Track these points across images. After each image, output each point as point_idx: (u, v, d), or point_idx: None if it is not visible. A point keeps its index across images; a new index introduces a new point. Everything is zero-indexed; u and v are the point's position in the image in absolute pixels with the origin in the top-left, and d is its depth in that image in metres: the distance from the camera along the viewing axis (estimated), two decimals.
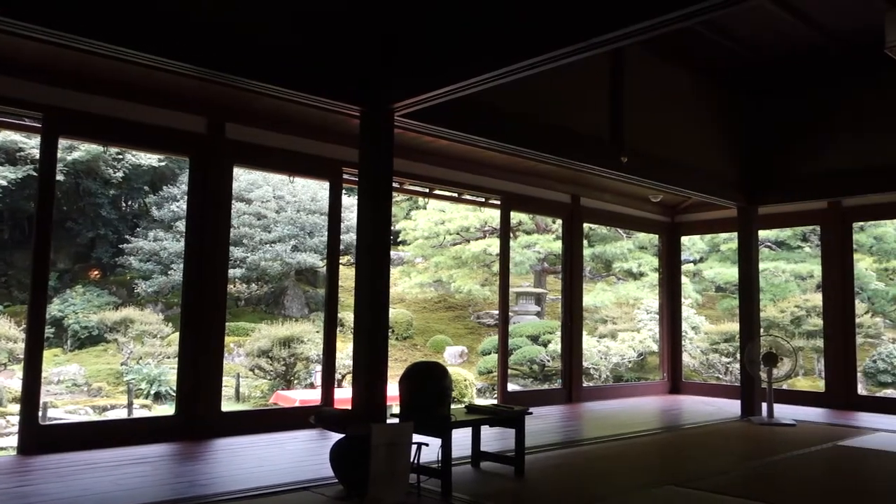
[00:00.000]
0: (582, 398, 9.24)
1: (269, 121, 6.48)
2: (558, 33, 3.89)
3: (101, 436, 5.58)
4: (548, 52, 3.92)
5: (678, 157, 7.74)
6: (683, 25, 3.59)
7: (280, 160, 6.77)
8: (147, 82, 5.63)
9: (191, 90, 5.84)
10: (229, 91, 5.47)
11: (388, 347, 4.86)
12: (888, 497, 4.61)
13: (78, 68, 5.33)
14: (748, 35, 7.04)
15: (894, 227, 15.78)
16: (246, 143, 6.43)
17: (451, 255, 15.38)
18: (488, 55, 4.25)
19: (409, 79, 4.73)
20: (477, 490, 4.43)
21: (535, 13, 4.08)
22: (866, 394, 12.53)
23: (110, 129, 5.77)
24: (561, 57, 3.95)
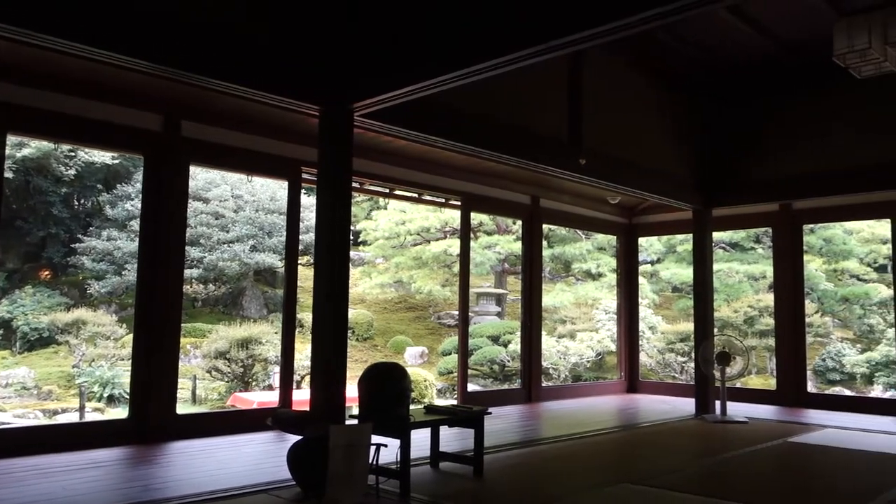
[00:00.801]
0: (541, 398, 9.32)
1: (227, 119, 6.40)
2: (517, 36, 3.92)
3: (51, 440, 5.44)
4: (506, 55, 3.94)
5: (636, 160, 7.85)
6: (642, 30, 3.64)
7: (238, 159, 6.68)
8: (100, 78, 5.50)
9: (145, 87, 5.73)
10: (185, 88, 5.37)
11: (346, 348, 4.84)
12: (836, 492, 4.75)
13: (27, 63, 5.19)
14: (706, 42, 7.18)
15: (843, 229, 16.25)
16: (203, 142, 6.33)
17: (411, 256, 15.35)
18: (447, 57, 4.26)
19: (369, 79, 4.72)
20: (435, 490, 4.44)
21: (494, 16, 4.10)
22: (816, 391, 12.88)
23: (61, 125, 5.63)
24: (519, 59, 3.98)
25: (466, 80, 4.33)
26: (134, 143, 6.09)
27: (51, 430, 6.30)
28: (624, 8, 3.44)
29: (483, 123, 6.12)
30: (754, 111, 8.53)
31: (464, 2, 4.34)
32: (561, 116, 7.02)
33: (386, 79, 4.58)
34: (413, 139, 5.89)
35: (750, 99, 8.52)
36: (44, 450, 5.24)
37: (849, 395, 13.33)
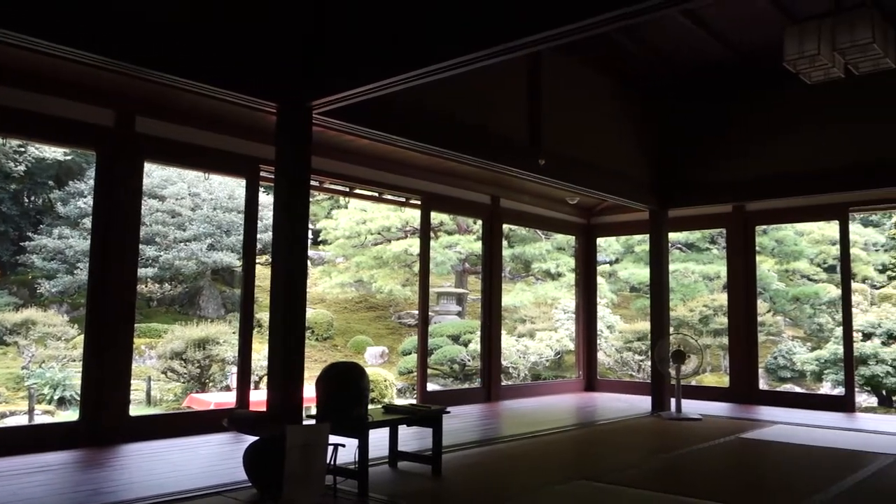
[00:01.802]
0: (501, 397, 9.37)
1: (184, 115, 6.30)
2: (475, 36, 3.94)
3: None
4: (464, 55, 3.96)
5: (594, 161, 7.95)
6: (599, 32, 3.69)
7: (195, 156, 6.57)
8: (50, 72, 5.37)
9: (98, 81, 5.60)
10: (140, 84, 5.28)
11: (304, 347, 4.80)
12: (785, 486, 4.87)
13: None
14: (664, 45, 7.31)
15: (794, 230, 16.68)
16: (158, 138, 6.21)
17: (372, 255, 15.30)
18: (405, 56, 4.26)
19: (328, 76, 4.69)
20: (394, 490, 4.43)
21: (452, 16, 4.11)
22: (768, 388, 13.22)
23: (9, 119, 5.47)
24: (477, 60, 4.00)
25: (425, 80, 4.34)
26: (85, 138, 5.94)
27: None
28: (581, 11, 3.48)
29: (444, 123, 6.13)
30: (709, 114, 8.70)
31: (422, 2, 4.34)
32: (521, 117, 7.07)
33: (344, 77, 4.56)
34: (373, 138, 5.87)
35: (705, 101, 8.69)
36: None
37: (799, 391, 13.69)
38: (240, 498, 4.13)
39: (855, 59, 5.47)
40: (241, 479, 4.40)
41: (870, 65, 5.56)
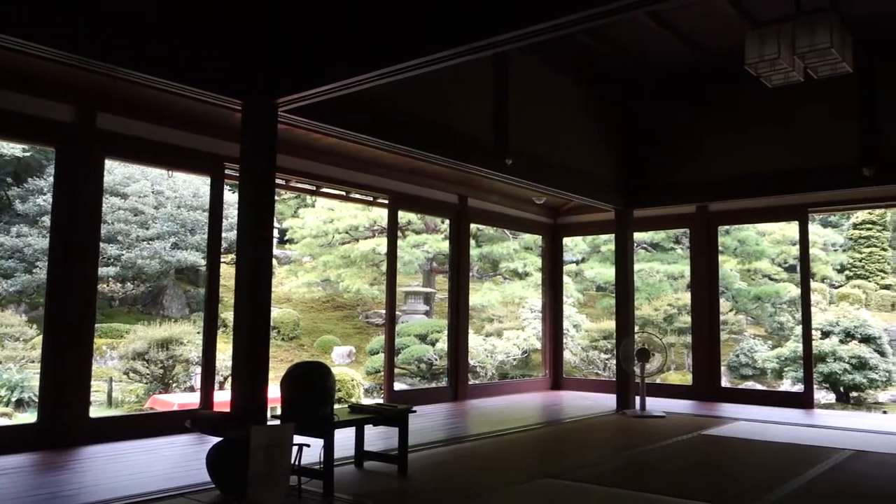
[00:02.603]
0: (468, 396, 9.39)
1: (147, 112, 6.19)
2: (439, 36, 3.94)
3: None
4: (428, 55, 3.96)
5: (561, 161, 8.01)
6: (565, 33, 3.71)
7: (158, 153, 6.47)
8: (7, 66, 5.24)
9: (58, 76, 5.48)
10: (101, 79, 5.17)
11: (269, 347, 4.76)
12: (746, 481, 4.96)
13: None
14: (630, 46, 7.38)
15: (756, 231, 17.00)
16: (119, 135, 6.10)
17: (339, 255, 15.21)
18: (370, 55, 4.25)
19: (294, 74, 4.66)
20: (359, 490, 4.42)
21: (417, 16, 4.11)
22: (730, 386, 13.44)
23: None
24: (442, 59, 4.01)
25: (390, 79, 4.33)
26: (45, 134, 5.82)
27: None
28: (545, 12, 3.50)
29: (411, 122, 6.12)
30: (674, 114, 8.82)
31: (387, 1, 4.33)
32: (488, 116, 7.09)
33: (310, 75, 4.53)
34: (340, 136, 5.84)
35: (670, 102, 8.81)
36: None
37: (760, 389, 13.95)
38: (203, 500, 4.08)
39: (814, 63, 5.60)
40: (204, 480, 4.34)
41: (828, 69, 5.69)
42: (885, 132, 7.28)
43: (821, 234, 19.34)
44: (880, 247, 21.21)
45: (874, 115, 7.36)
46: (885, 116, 7.30)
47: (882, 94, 7.33)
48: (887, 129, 7.27)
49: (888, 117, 7.28)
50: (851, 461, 5.55)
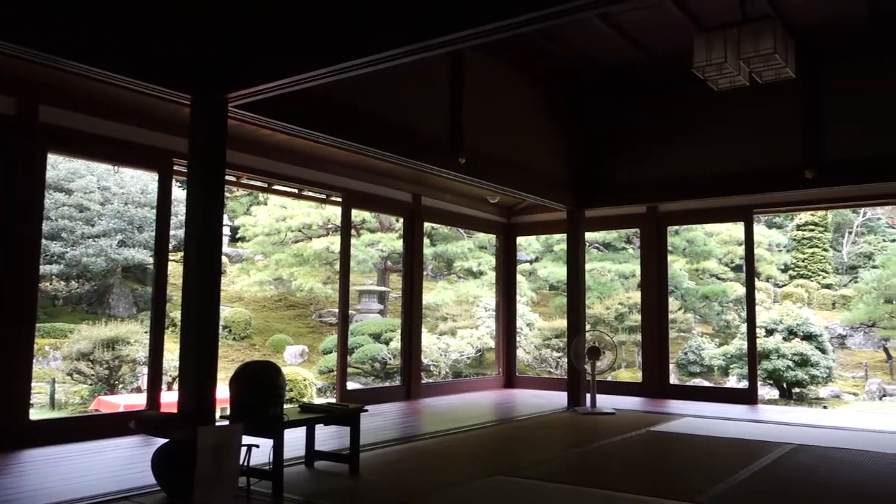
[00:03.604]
0: (421, 394, 9.39)
1: (92, 105, 6.02)
2: (390, 34, 3.93)
3: None
4: (379, 52, 3.95)
5: (515, 160, 8.06)
6: (516, 32, 3.74)
7: (104, 148, 6.30)
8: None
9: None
10: (44, 71, 5.02)
11: (217, 346, 4.67)
12: (692, 475, 5.07)
13: None
14: (581, 46, 7.47)
15: (704, 231, 17.39)
16: (64, 128, 5.93)
17: (292, 253, 15.05)
18: (320, 51, 4.21)
19: (244, 69, 4.58)
20: (309, 489, 4.37)
21: (369, 12, 4.08)
22: (678, 383, 13.73)
23: None
24: (394, 57, 3.99)
25: (340, 76, 4.30)
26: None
27: None
28: (495, 12, 3.52)
29: (364, 119, 6.09)
30: (625, 115, 8.95)
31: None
32: (442, 114, 7.10)
33: (260, 70, 4.47)
34: (292, 133, 5.76)
35: (621, 103, 8.93)
36: None
37: (707, 385, 14.30)
38: (147, 502, 3.99)
39: (758, 68, 5.74)
40: (149, 482, 4.25)
41: (772, 74, 5.84)
42: (826, 136, 7.52)
43: (766, 235, 19.89)
44: (822, 247, 21.93)
45: (816, 119, 7.60)
46: (825, 121, 7.54)
47: (823, 100, 7.57)
48: (828, 133, 7.52)
49: (829, 121, 7.53)
50: (793, 455, 5.72)
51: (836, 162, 7.44)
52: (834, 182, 7.58)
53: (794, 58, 5.80)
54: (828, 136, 7.52)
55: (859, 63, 7.42)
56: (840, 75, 7.51)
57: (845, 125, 7.43)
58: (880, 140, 7.21)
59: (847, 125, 7.41)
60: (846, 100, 7.45)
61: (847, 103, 7.44)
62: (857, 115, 7.37)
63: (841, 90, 7.49)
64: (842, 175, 7.46)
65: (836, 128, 7.47)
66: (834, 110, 7.51)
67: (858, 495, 4.52)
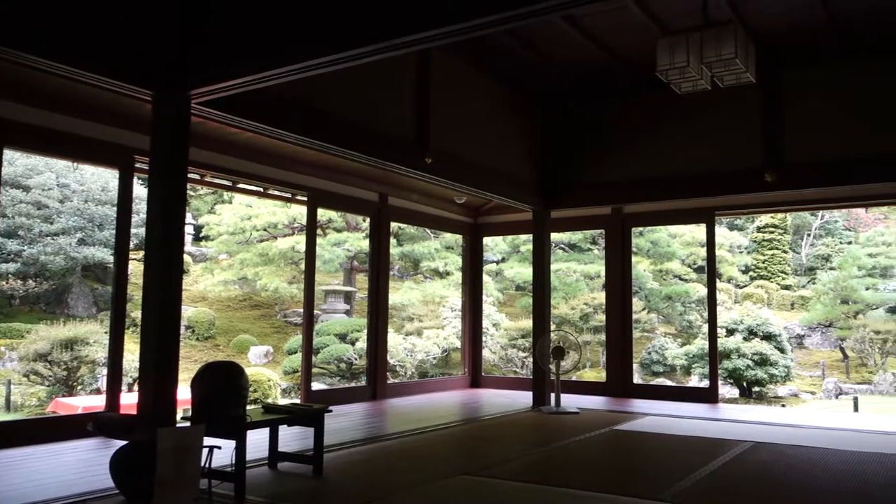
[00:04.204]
0: (387, 395, 9.36)
1: (51, 100, 5.88)
2: (354, 33, 3.91)
3: None
4: (345, 51, 3.92)
5: (481, 160, 8.08)
6: (483, 33, 3.74)
7: (62, 144, 6.16)
8: None
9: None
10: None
11: (178, 346, 4.60)
12: (654, 473, 5.14)
13: None
14: (548, 48, 7.51)
15: (667, 233, 17.65)
16: (21, 124, 5.78)
17: (257, 252, 14.91)
18: (286, 49, 4.17)
19: (207, 66, 4.52)
20: (272, 491, 4.34)
21: (335, 11, 4.06)
22: (641, 382, 13.90)
23: None
24: (359, 56, 3.97)
25: (305, 74, 4.26)
26: None
27: None
28: (461, 12, 3.52)
29: (330, 118, 6.05)
30: (590, 117, 9.03)
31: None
32: (409, 114, 7.08)
33: (223, 67, 4.41)
34: (257, 131, 5.70)
35: (587, 104, 9.01)
36: None
37: (670, 385, 14.51)
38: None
39: (720, 72, 5.85)
40: (108, 486, 4.17)
41: (733, 78, 5.96)
42: (786, 140, 7.68)
43: (727, 237, 20.26)
44: (782, 249, 22.41)
45: (775, 123, 7.75)
46: (785, 125, 7.70)
47: (783, 104, 7.73)
48: (787, 137, 7.68)
49: (788, 126, 7.69)
50: (751, 452, 5.83)
51: (795, 165, 7.61)
52: (793, 185, 7.75)
53: (754, 63, 5.93)
54: (787, 140, 7.68)
55: (818, 69, 7.59)
56: (799, 81, 7.67)
57: (804, 130, 7.59)
58: (837, 145, 7.38)
59: (805, 130, 7.58)
60: (805, 105, 7.62)
61: (806, 108, 7.61)
62: (816, 120, 7.54)
63: (800, 95, 7.66)
64: (800, 178, 7.62)
65: (795, 132, 7.64)
66: (793, 115, 7.67)
67: (814, 491, 4.63)
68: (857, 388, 15.92)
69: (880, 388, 15.73)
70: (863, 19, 6.62)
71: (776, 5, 6.38)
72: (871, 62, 7.35)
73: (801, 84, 7.66)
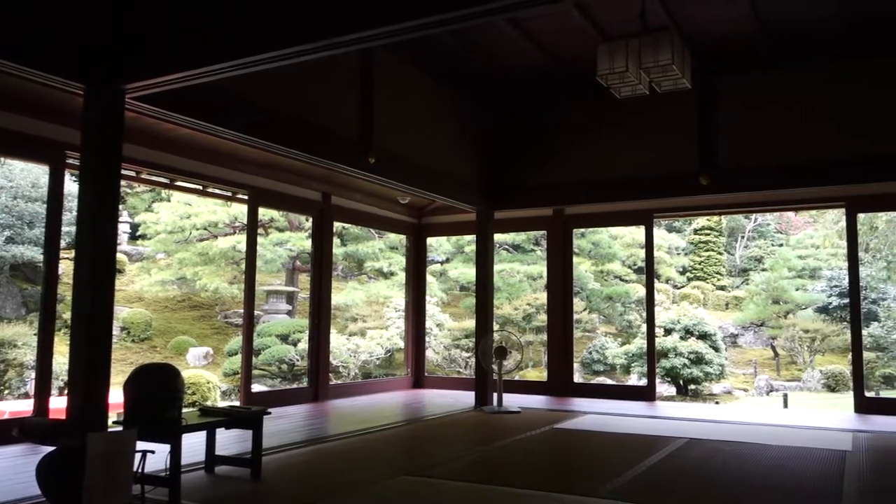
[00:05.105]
0: (329, 396, 9.27)
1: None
2: (296, 30, 3.86)
3: None
4: (284, 48, 3.87)
5: (425, 161, 8.08)
6: (425, 33, 3.75)
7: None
8: None
9: None
10: None
11: (111, 348, 4.46)
12: (592, 470, 5.23)
13: None
14: (491, 49, 7.56)
15: (608, 234, 17.97)
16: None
17: (196, 251, 14.56)
18: (224, 45, 4.09)
19: (142, 60, 4.39)
20: (208, 495, 4.25)
21: (275, 7, 4.00)
22: (582, 381, 14.13)
23: None
24: (299, 54, 3.92)
25: (247, 70, 4.19)
26: None
27: None
28: (403, 11, 3.52)
29: (271, 115, 5.96)
30: (532, 119, 9.14)
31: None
32: (352, 113, 7.04)
33: (159, 62, 4.29)
34: (196, 128, 5.58)
35: (529, 107, 9.11)
36: None
37: (609, 383, 14.78)
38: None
39: (658, 77, 5.97)
40: (34, 493, 4.01)
41: (670, 84, 6.09)
42: (720, 144, 7.93)
43: (666, 239, 20.75)
44: (717, 251, 23.07)
45: (710, 128, 7.99)
46: (719, 130, 7.95)
47: (717, 110, 7.98)
48: (721, 142, 7.92)
49: (722, 131, 7.93)
50: (686, 448, 5.99)
51: (728, 170, 7.85)
52: (726, 189, 8.00)
53: (690, 69, 6.08)
54: (721, 145, 7.92)
55: (750, 77, 7.86)
56: (733, 88, 7.93)
57: (737, 135, 7.85)
58: (768, 150, 7.66)
59: (739, 135, 7.84)
60: (738, 111, 7.88)
61: (739, 114, 7.87)
62: (748, 126, 7.81)
63: (733, 101, 7.92)
64: (733, 182, 7.88)
65: (729, 137, 7.89)
66: (726, 120, 7.93)
67: (746, 486, 4.78)
68: (787, 384, 16.52)
69: (808, 384, 16.36)
70: (791, 29, 6.88)
71: (710, 15, 6.58)
72: (799, 70, 7.64)
73: (733, 90, 7.92)
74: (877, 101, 7.28)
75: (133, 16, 4.53)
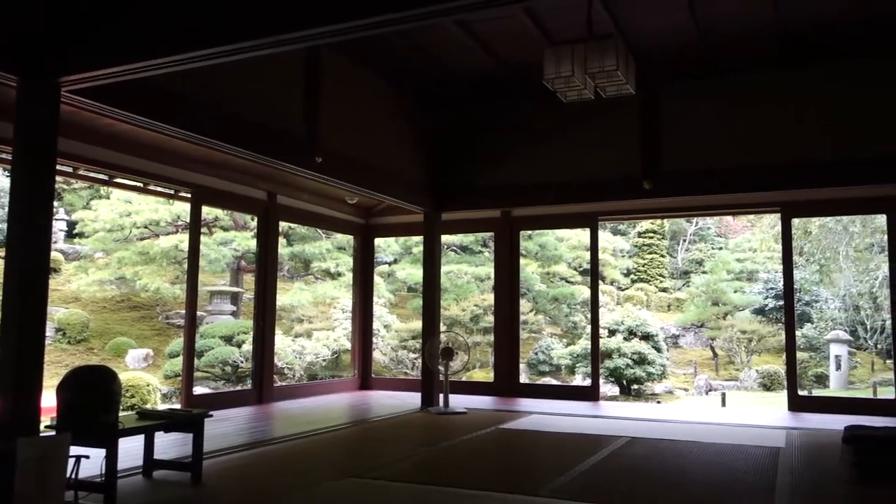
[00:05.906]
0: (274, 398, 9.14)
1: None
2: (239, 27, 3.81)
3: None
4: (226, 45, 3.81)
5: (372, 161, 8.05)
6: (374, 32, 3.74)
7: None
8: None
9: None
10: None
11: (43, 350, 4.31)
12: (536, 469, 5.29)
13: None
14: (439, 51, 7.57)
15: (555, 236, 18.20)
16: None
17: (137, 251, 14.17)
18: (165, 39, 4.00)
19: (79, 52, 4.26)
20: (145, 500, 4.15)
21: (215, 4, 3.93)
22: (528, 382, 14.27)
23: None
24: (241, 50, 3.87)
25: (189, 66, 4.11)
26: None
27: None
28: (348, 11, 3.50)
29: (215, 112, 5.85)
30: (479, 120, 9.20)
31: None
32: (298, 112, 6.97)
33: (96, 55, 4.17)
34: (136, 123, 5.44)
35: (477, 109, 9.17)
36: None
37: (555, 384, 14.96)
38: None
39: (603, 83, 6.08)
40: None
41: (615, 89, 6.21)
42: (662, 150, 8.12)
43: (611, 241, 21.14)
44: (660, 253, 23.60)
45: (653, 134, 8.18)
46: (661, 136, 8.14)
47: (660, 116, 8.17)
48: (663, 148, 8.12)
49: (664, 136, 8.13)
50: (628, 447, 6.11)
51: (669, 174, 8.04)
52: (668, 193, 8.19)
53: (634, 75, 6.21)
54: (663, 150, 8.11)
55: (690, 84, 8.08)
56: (674, 94, 8.14)
57: (678, 140, 8.05)
58: (708, 156, 7.87)
59: (680, 140, 8.04)
60: (679, 117, 8.09)
61: (680, 120, 8.07)
62: (689, 132, 8.02)
63: (675, 108, 8.12)
64: (674, 186, 8.08)
65: (670, 143, 8.09)
66: (668, 126, 8.13)
67: (685, 482, 4.90)
68: (725, 384, 17.00)
69: (745, 384, 16.86)
70: (729, 37, 7.08)
71: (653, 23, 6.74)
72: (738, 78, 7.89)
73: (675, 97, 8.13)
74: (811, 109, 7.56)
75: (69, 5, 4.39)
